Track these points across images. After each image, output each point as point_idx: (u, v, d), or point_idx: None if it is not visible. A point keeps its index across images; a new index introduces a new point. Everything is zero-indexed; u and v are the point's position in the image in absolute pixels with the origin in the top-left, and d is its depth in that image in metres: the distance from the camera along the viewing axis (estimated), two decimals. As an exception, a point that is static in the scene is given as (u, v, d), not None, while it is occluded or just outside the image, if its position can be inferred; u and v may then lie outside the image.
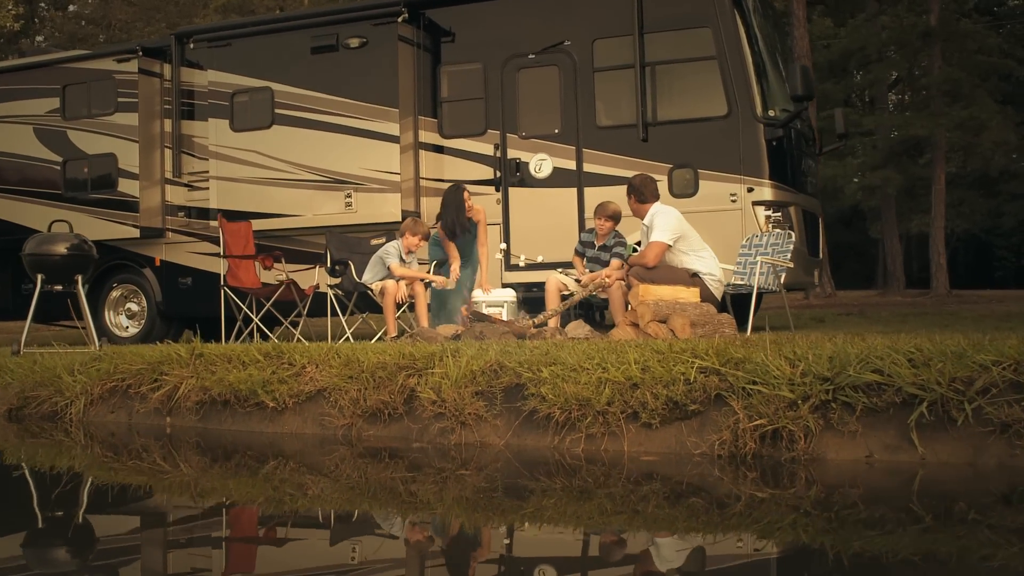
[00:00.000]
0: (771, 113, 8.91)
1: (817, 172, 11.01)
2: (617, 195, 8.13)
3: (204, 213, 10.37)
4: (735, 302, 7.76)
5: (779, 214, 8.72)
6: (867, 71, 24.92)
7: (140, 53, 10.66)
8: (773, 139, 8.77)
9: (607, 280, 7.23)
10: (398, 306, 7.75)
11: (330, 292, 8.23)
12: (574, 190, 9.25)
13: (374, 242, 8.59)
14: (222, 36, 10.48)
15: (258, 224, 9.79)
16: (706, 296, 6.91)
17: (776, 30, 10.73)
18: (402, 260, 7.91)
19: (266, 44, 10.20)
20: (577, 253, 7.95)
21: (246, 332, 8.34)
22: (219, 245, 9.21)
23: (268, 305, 8.36)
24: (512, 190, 9.41)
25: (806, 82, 8.45)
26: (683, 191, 8.80)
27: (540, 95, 9.44)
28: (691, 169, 8.83)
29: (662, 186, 8.14)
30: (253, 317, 8.42)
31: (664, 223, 7.05)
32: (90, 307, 10.66)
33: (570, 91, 9.31)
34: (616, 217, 7.70)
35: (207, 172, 10.31)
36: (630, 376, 4.21)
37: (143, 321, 10.77)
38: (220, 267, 9.26)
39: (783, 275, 7.64)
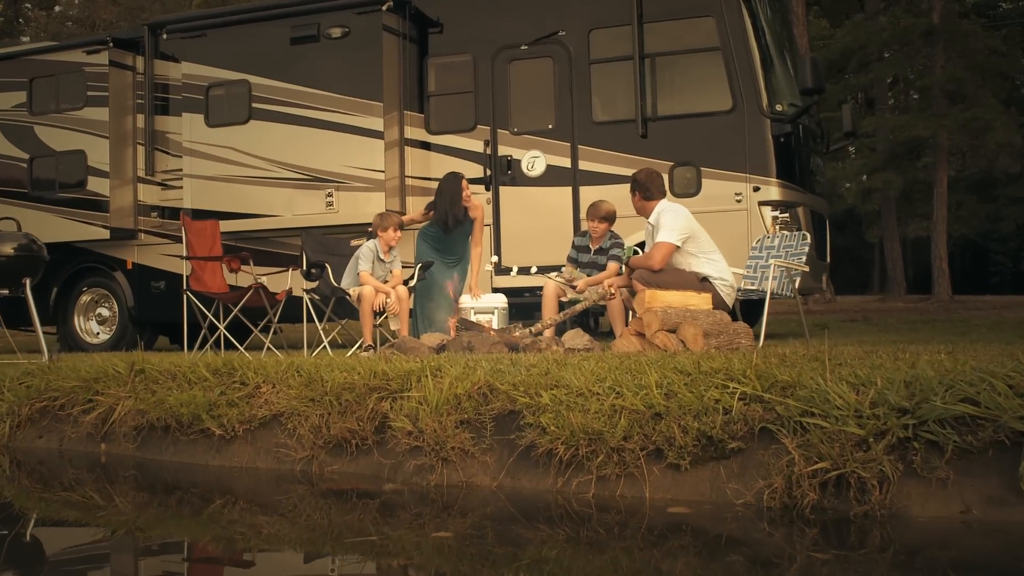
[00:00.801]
0: (778, 108, 8.63)
1: (824, 170, 10.54)
2: (614, 194, 7.78)
3: (178, 213, 9.92)
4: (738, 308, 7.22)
5: (787, 215, 8.43)
6: (867, 71, 24.50)
7: (111, 44, 10.49)
8: (780, 135, 8.53)
9: (611, 288, 6.54)
10: (378, 315, 7.09)
11: (306, 297, 7.61)
12: (569, 189, 8.92)
13: (354, 243, 8.03)
14: (197, 26, 10.37)
15: (235, 225, 9.48)
16: (717, 303, 6.29)
17: (782, 22, 10.26)
18: (380, 260, 7.27)
19: (243, 35, 9.99)
20: (570, 260, 7.29)
21: (211, 340, 7.66)
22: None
23: (235, 311, 7.70)
24: (503, 189, 9.08)
25: (816, 75, 8.19)
26: (685, 190, 8.44)
27: (533, 88, 9.14)
28: (693, 167, 8.52)
29: (661, 186, 7.67)
30: (219, 324, 7.76)
31: (672, 222, 6.42)
32: (59, 313, 10.25)
33: (565, 84, 8.87)
34: (610, 218, 7.20)
35: (181, 170, 9.98)
36: (651, 404, 3.43)
37: (114, 327, 10.47)
38: (185, 270, 8.66)
39: (797, 279, 7.04)
